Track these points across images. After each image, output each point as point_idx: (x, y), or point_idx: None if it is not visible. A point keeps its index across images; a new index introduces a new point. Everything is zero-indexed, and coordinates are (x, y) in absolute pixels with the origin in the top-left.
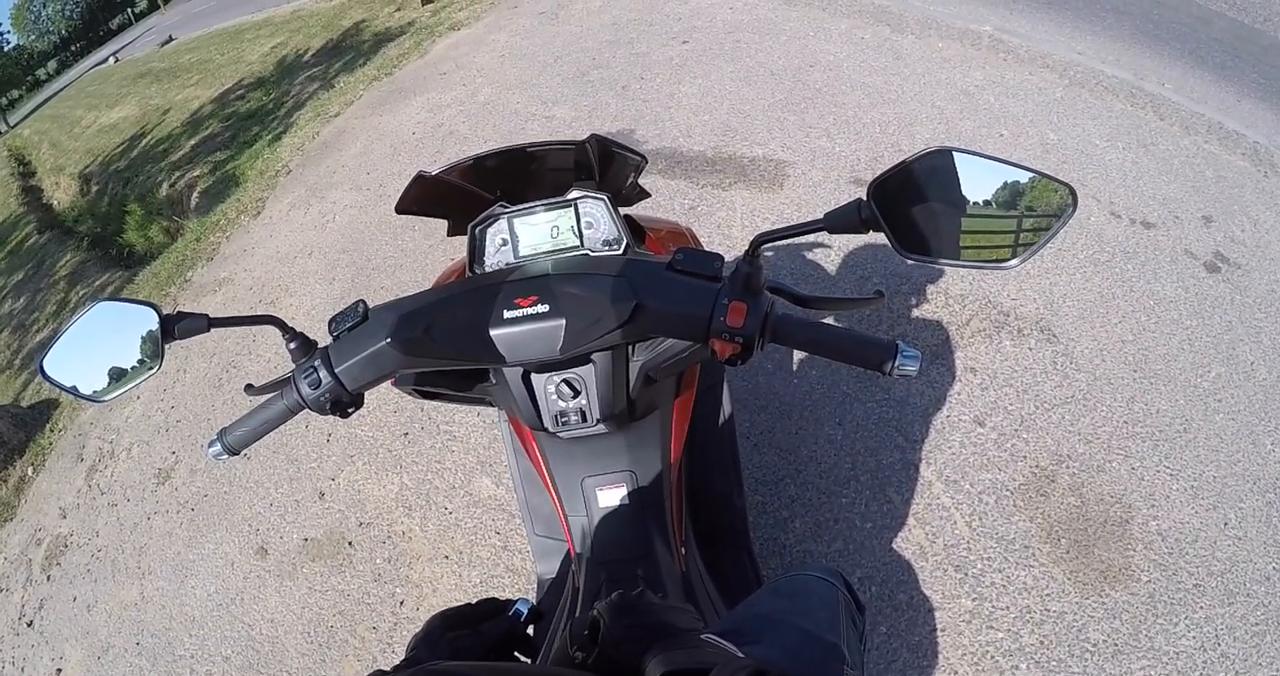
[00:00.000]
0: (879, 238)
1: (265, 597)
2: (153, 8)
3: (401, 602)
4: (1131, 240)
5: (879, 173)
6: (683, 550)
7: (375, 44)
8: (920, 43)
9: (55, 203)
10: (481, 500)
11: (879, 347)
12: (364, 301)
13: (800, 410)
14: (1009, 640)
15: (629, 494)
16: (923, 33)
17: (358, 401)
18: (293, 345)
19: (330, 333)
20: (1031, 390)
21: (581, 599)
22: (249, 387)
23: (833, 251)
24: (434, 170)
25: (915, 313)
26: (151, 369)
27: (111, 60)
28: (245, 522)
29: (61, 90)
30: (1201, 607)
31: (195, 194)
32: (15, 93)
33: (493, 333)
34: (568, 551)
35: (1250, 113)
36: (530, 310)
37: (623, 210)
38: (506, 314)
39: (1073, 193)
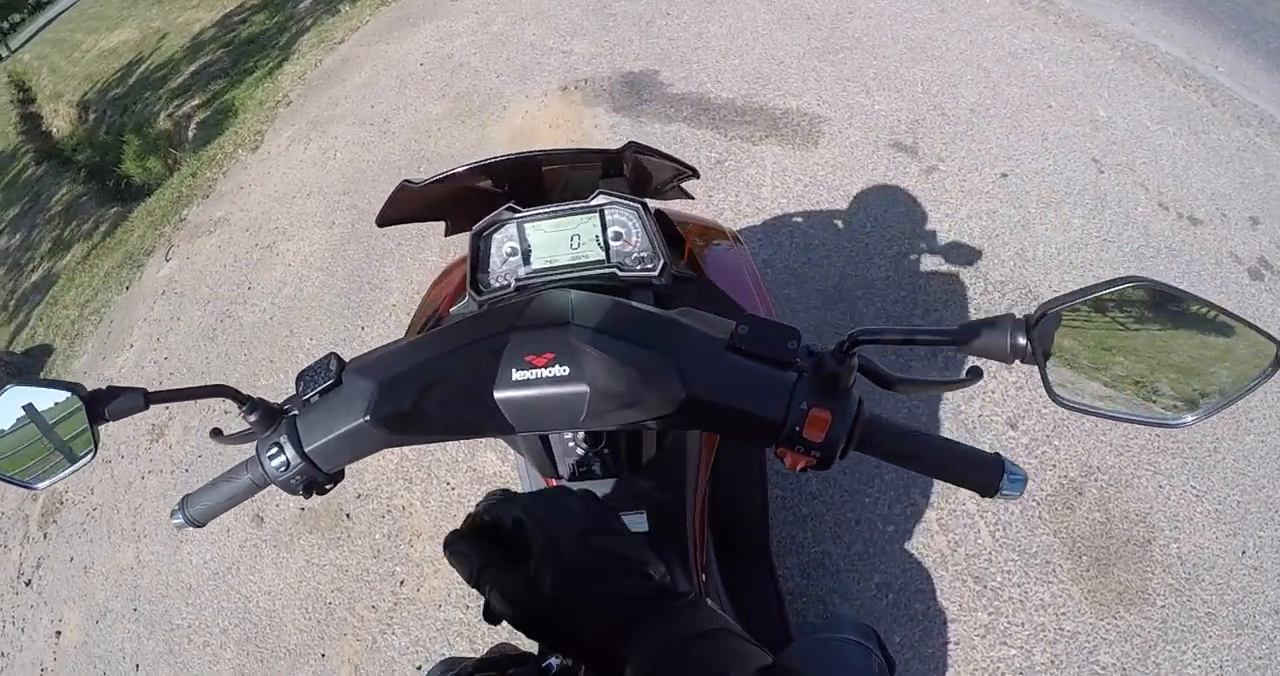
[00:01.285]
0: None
1: (262, 569)
2: None
3: (402, 582)
4: (1177, 236)
5: (1054, 295)
6: (703, 576)
7: None
8: None
9: (54, 130)
10: (486, 476)
11: (984, 468)
12: (336, 356)
13: None
14: (1021, 657)
15: (649, 520)
16: None
17: (336, 478)
18: (252, 416)
19: (298, 393)
20: None
21: None
22: (215, 433)
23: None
24: (421, 180)
25: (952, 297)
26: (85, 456)
27: None
28: None
29: (63, 13)
30: (1211, 637)
31: (193, 124)
32: (16, 17)
33: (498, 396)
34: None
35: None
36: (545, 372)
37: (654, 205)
38: (516, 374)
39: (1278, 349)
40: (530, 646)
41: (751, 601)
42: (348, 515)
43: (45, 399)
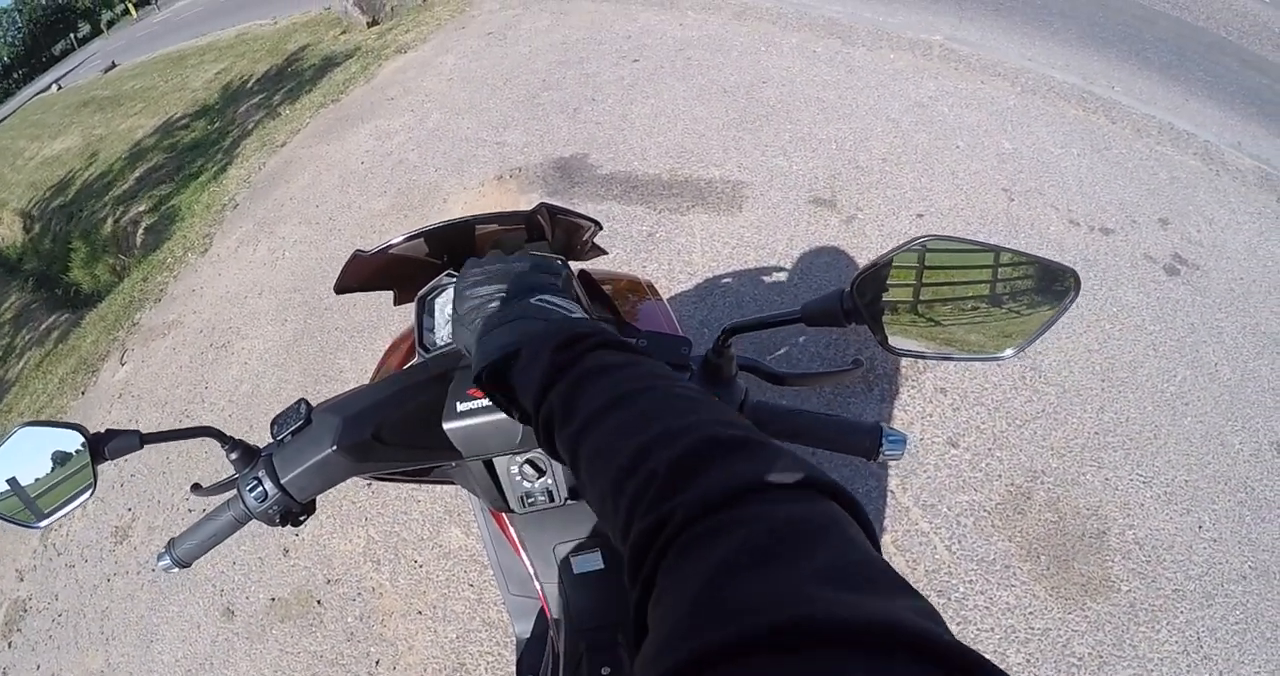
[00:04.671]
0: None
1: (235, 662)
2: (96, 32)
3: (377, 662)
4: (1091, 248)
5: (863, 266)
6: None
7: (321, 69)
8: (872, 55)
9: None
10: (452, 551)
11: (863, 433)
12: (305, 401)
13: None
14: (995, 661)
15: (604, 557)
16: (874, 45)
17: (309, 509)
18: (234, 455)
19: (273, 436)
20: (1003, 407)
21: (563, 667)
22: (196, 488)
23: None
24: (372, 248)
25: None
26: (85, 493)
27: (54, 87)
28: (209, 582)
29: (4, 120)
30: (1182, 612)
31: (140, 230)
32: None
33: (446, 427)
34: (543, 609)
35: (1199, 111)
36: (484, 402)
37: (577, 267)
38: (460, 406)
39: (1075, 277)
40: None
41: None
42: (318, 601)
43: (52, 439)
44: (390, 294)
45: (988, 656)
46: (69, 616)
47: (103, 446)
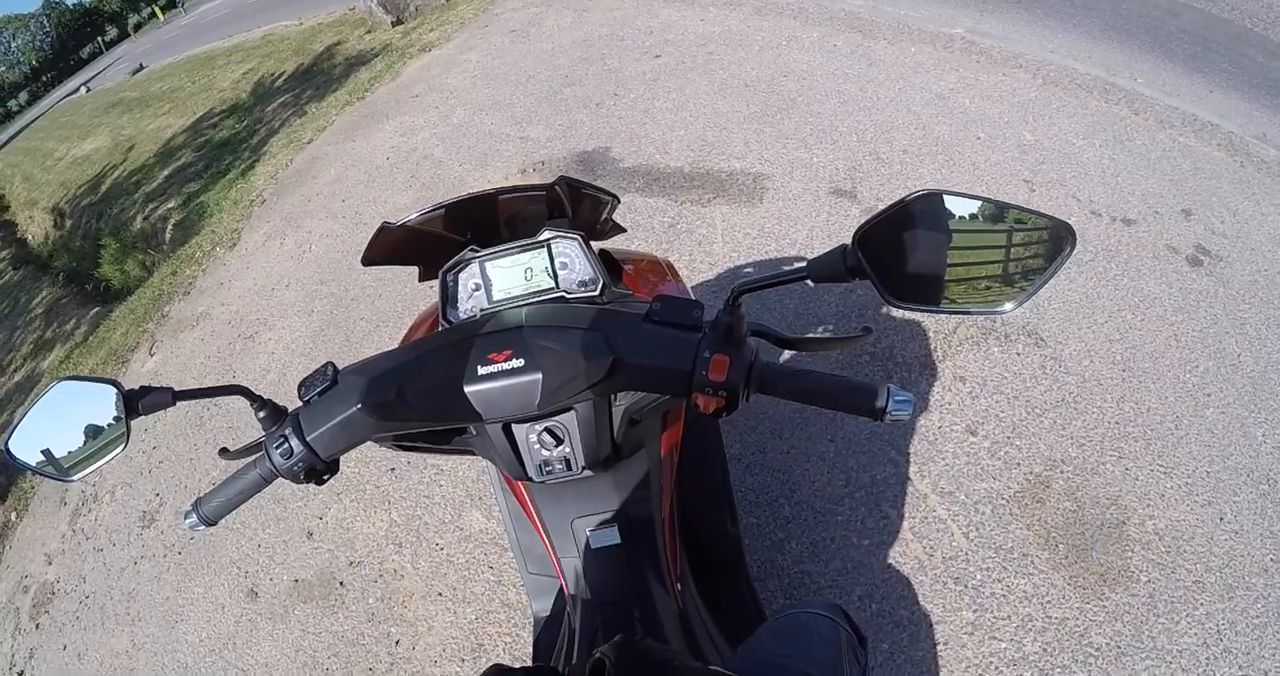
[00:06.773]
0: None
1: (258, 642)
2: (123, 36)
3: (397, 642)
4: (1113, 238)
5: (867, 217)
6: (678, 586)
7: (347, 68)
8: (893, 48)
9: (29, 237)
10: (473, 534)
11: (870, 394)
12: (333, 364)
13: (791, 428)
14: (1012, 649)
15: (620, 533)
16: (895, 38)
17: (333, 468)
18: (262, 413)
19: (300, 397)
20: (1022, 396)
21: (578, 642)
22: (223, 451)
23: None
24: (399, 220)
25: (898, 321)
26: (118, 446)
27: (83, 90)
28: (233, 565)
29: (34, 122)
30: (1202, 604)
31: (169, 226)
32: None
33: (467, 389)
34: (561, 588)
35: (1223, 103)
36: (505, 365)
37: (597, 245)
38: (481, 370)
39: (1071, 231)
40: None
41: (729, 608)
42: (341, 582)
43: (88, 393)
44: (414, 273)
45: (1004, 644)
46: (96, 598)
47: (136, 402)
